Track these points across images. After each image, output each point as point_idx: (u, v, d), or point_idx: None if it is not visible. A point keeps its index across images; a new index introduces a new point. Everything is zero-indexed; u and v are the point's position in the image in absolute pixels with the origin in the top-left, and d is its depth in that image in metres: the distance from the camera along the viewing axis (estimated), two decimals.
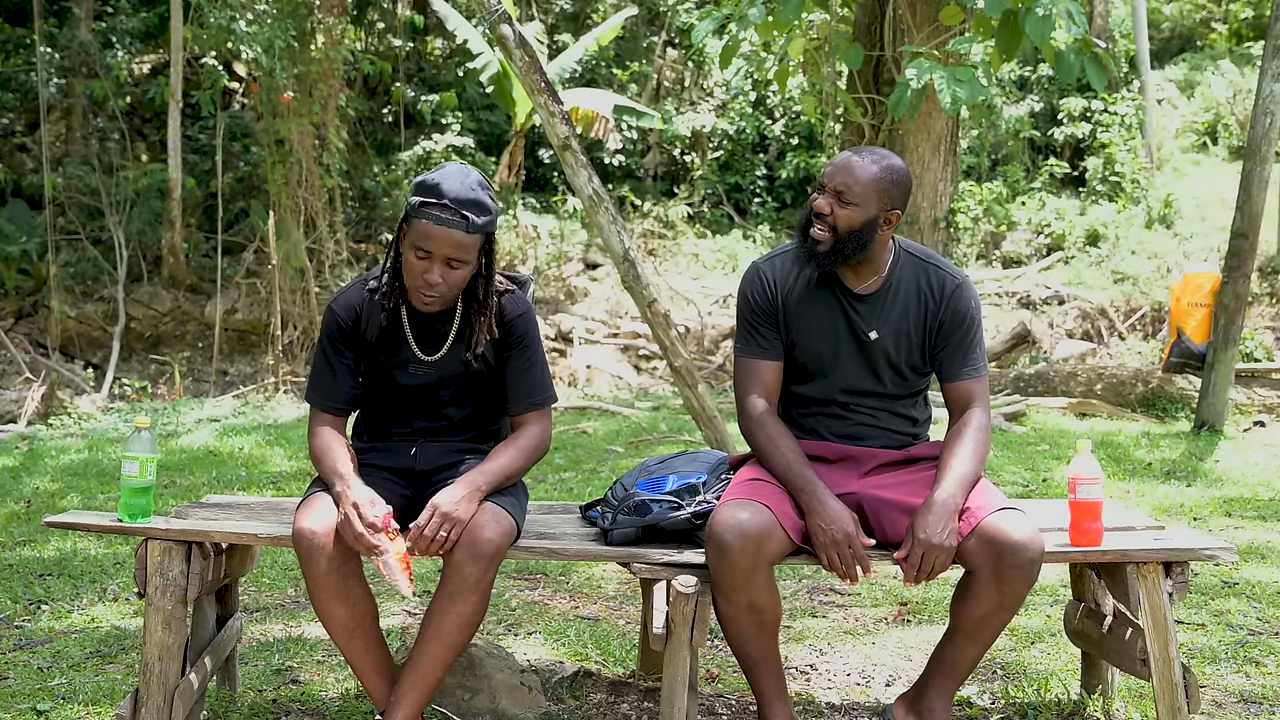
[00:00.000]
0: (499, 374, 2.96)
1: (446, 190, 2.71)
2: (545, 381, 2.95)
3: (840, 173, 2.83)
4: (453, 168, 2.78)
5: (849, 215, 2.81)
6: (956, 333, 2.91)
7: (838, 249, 2.83)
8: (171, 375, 12.27)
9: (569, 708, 3.18)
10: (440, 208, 2.71)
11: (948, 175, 10.68)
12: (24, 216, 13.61)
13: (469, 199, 2.72)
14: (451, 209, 2.71)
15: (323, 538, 2.69)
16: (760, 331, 2.93)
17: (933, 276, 2.93)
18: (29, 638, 3.83)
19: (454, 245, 2.72)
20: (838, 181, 2.82)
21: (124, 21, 14.67)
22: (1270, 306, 11.46)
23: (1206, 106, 15.55)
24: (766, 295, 2.93)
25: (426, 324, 2.93)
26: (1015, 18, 7.08)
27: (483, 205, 2.74)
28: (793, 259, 2.96)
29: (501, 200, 14.21)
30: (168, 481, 6.38)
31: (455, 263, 2.75)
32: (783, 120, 15.66)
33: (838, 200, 2.82)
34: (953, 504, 2.69)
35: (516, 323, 2.92)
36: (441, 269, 2.74)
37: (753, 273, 2.97)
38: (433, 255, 2.73)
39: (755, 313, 2.94)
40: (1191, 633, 3.76)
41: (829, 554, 2.70)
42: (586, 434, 7.85)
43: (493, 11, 5.47)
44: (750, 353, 2.94)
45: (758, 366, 2.93)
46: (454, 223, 2.71)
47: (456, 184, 2.73)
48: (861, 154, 2.84)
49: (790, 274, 2.94)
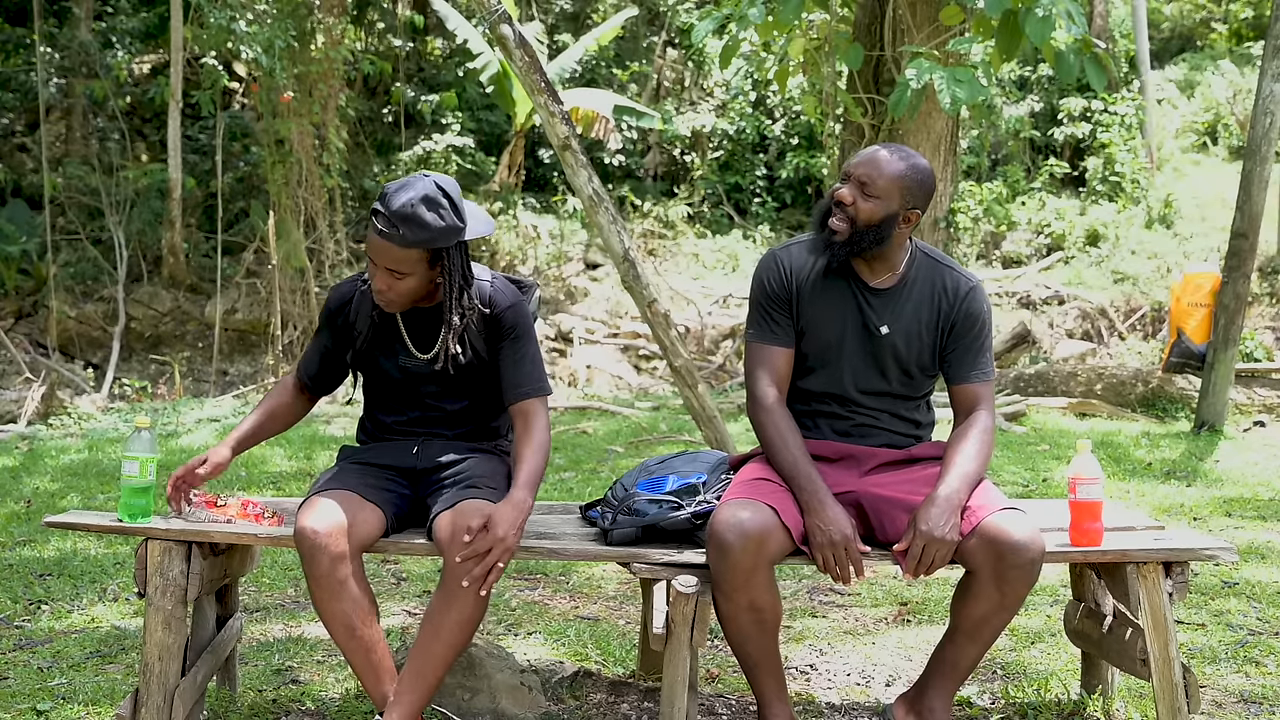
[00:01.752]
0: (492, 367, 2.96)
1: (390, 202, 2.72)
2: (537, 372, 2.93)
3: (866, 164, 2.83)
4: (416, 179, 2.76)
5: (870, 208, 2.82)
6: (967, 335, 2.92)
7: (854, 240, 2.84)
8: (171, 375, 12.27)
9: (569, 708, 3.18)
10: (381, 218, 2.73)
11: (948, 175, 10.67)
12: (24, 216, 13.62)
13: (406, 214, 2.70)
14: (388, 221, 2.71)
15: (324, 537, 2.69)
16: (774, 317, 2.93)
17: (948, 279, 2.94)
18: (29, 638, 3.83)
19: (390, 258, 2.74)
20: (862, 173, 2.82)
21: (124, 21, 14.67)
22: (1270, 306, 11.46)
23: (1206, 106, 15.55)
24: (782, 281, 2.93)
25: (421, 320, 2.94)
26: (1015, 18, 7.07)
27: (419, 222, 2.71)
28: (809, 248, 2.96)
29: (501, 200, 14.21)
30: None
31: (396, 273, 2.77)
32: (783, 120, 15.66)
33: (861, 191, 2.82)
34: (956, 499, 2.70)
35: (506, 314, 2.92)
36: (386, 277, 2.77)
37: (769, 259, 2.98)
38: (375, 262, 2.77)
39: (770, 298, 2.94)
40: (1191, 633, 3.76)
41: (824, 554, 2.70)
42: (586, 434, 7.85)
43: (493, 11, 5.47)
44: (763, 338, 2.94)
45: (770, 352, 2.93)
46: (390, 235, 2.72)
47: (403, 197, 2.72)
48: (890, 149, 2.85)
49: (806, 262, 2.94)
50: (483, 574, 2.65)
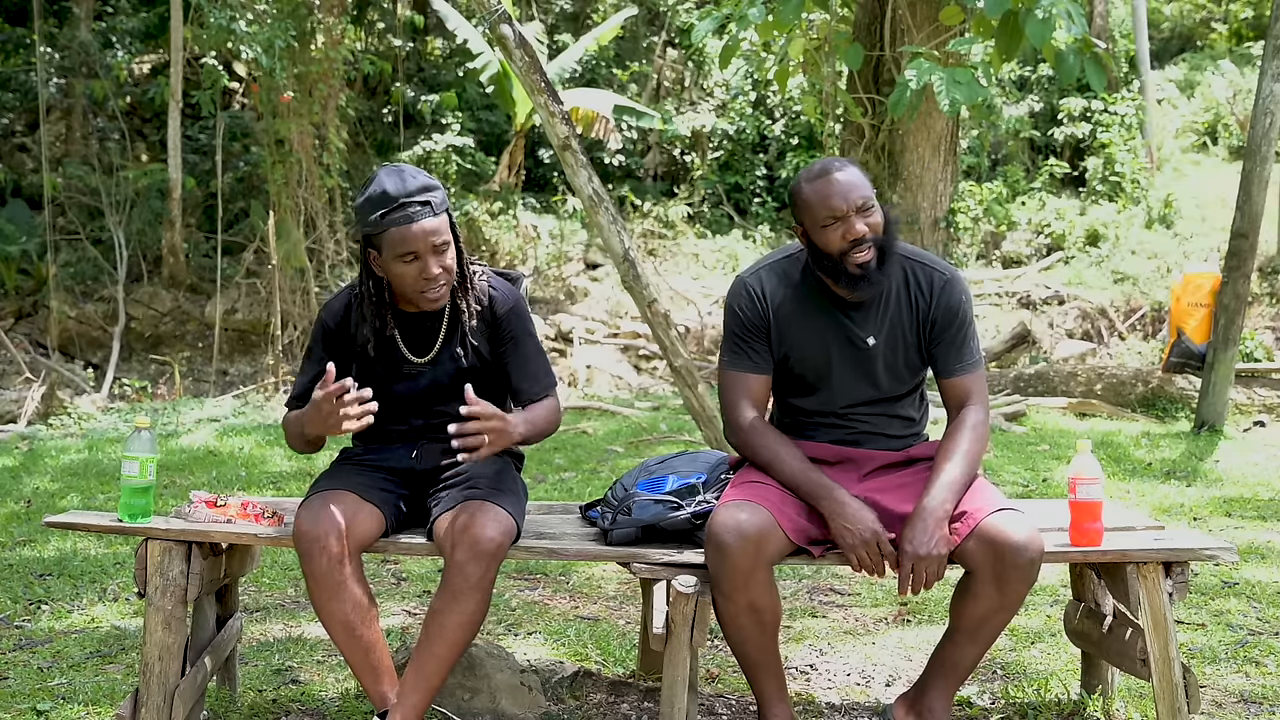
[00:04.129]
0: (495, 369, 2.96)
1: (394, 192, 2.73)
2: (544, 369, 2.98)
3: (850, 190, 2.76)
4: (380, 174, 2.79)
5: (876, 221, 2.79)
6: (949, 329, 2.89)
7: (881, 258, 2.79)
8: (171, 375, 12.27)
9: (569, 708, 3.18)
10: (400, 208, 2.73)
11: (948, 175, 10.69)
12: (24, 216, 13.61)
13: (418, 187, 2.75)
14: (412, 204, 2.73)
15: (323, 538, 2.70)
16: (751, 346, 2.90)
17: (920, 274, 2.90)
18: (29, 638, 3.83)
19: (432, 232, 2.75)
20: (855, 198, 2.75)
21: (124, 21, 14.67)
22: (1270, 306, 11.46)
23: (1206, 106, 15.55)
24: (757, 309, 2.89)
25: (415, 327, 2.93)
26: (1015, 18, 7.08)
27: (429, 186, 2.78)
28: (780, 271, 2.92)
29: (501, 200, 14.21)
30: (168, 481, 6.38)
31: (440, 246, 2.77)
32: (783, 120, 15.66)
33: (865, 215, 2.77)
34: (940, 511, 2.68)
35: (507, 316, 2.93)
36: (435, 259, 2.77)
37: (739, 287, 2.93)
38: (420, 252, 2.75)
39: (745, 327, 2.90)
40: (1191, 633, 3.76)
41: (858, 554, 2.68)
42: (586, 434, 7.85)
43: (493, 11, 5.47)
44: (740, 366, 2.90)
45: (747, 380, 2.90)
46: (420, 214, 2.73)
47: (398, 182, 2.75)
48: (838, 166, 2.79)
49: (780, 287, 2.90)
50: (476, 436, 2.65)
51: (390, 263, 2.77)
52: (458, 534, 2.71)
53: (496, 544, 2.70)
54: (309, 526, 2.70)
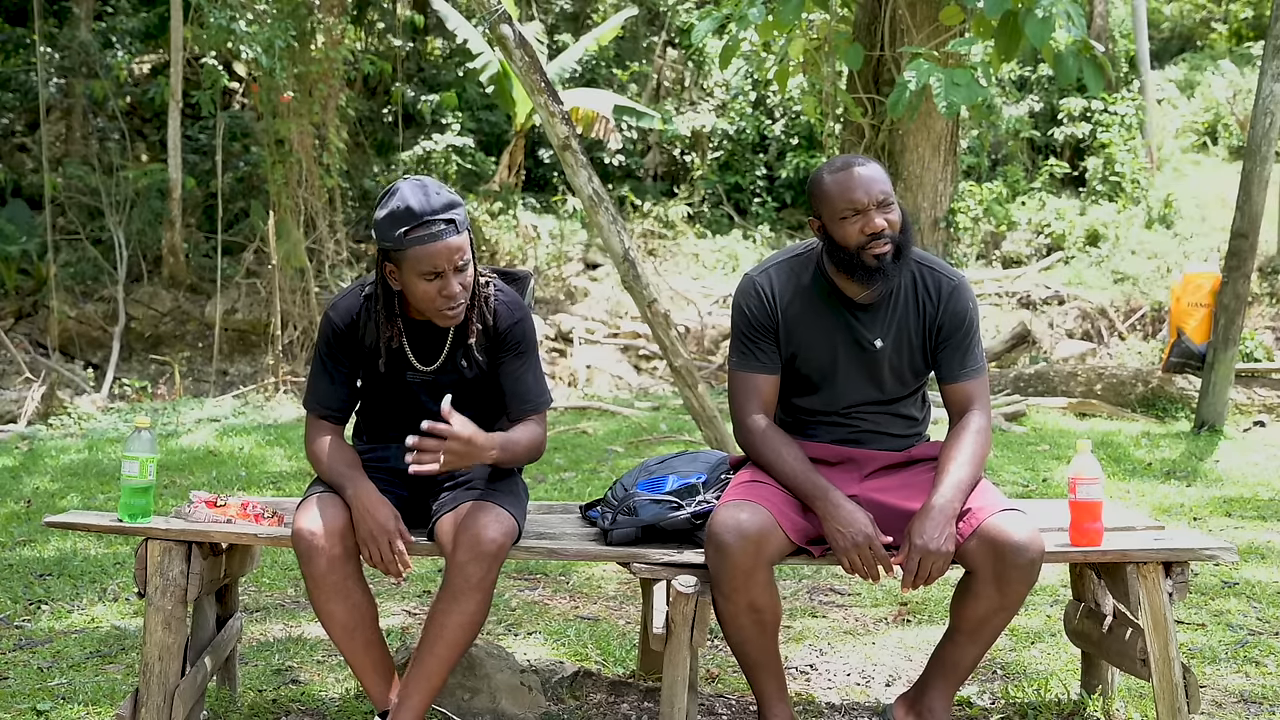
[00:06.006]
0: (493, 378, 2.95)
1: (419, 209, 2.67)
2: (540, 386, 2.94)
3: (872, 184, 2.76)
4: (404, 187, 2.72)
5: (895, 218, 2.78)
6: (955, 335, 2.89)
7: (900, 252, 2.79)
8: (171, 375, 12.27)
9: (569, 708, 3.18)
10: (424, 226, 2.67)
11: (948, 175, 10.69)
12: (24, 216, 13.61)
13: (443, 204, 2.70)
14: (436, 221, 2.68)
15: (322, 538, 2.70)
16: (759, 345, 2.89)
17: (929, 279, 2.90)
18: (29, 638, 3.83)
19: (456, 251, 2.70)
20: (876, 192, 2.75)
21: (124, 21, 14.67)
22: (1270, 306, 11.46)
23: (1206, 106, 15.55)
24: (765, 309, 2.88)
25: (423, 335, 2.92)
26: (1015, 19, 7.08)
27: (454, 203, 2.73)
28: (789, 270, 2.92)
29: (501, 200, 14.22)
30: (168, 481, 6.38)
31: (462, 265, 2.73)
32: (783, 120, 15.66)
33: (884, 211, 2.76)
34: (950, 509, 2.69)
35: (513, 330, 2.90)
36: (456, 277, 2.72)
37: (748, 285, 2.91)
38: (443, 271, 2.70)
39: (753, 326, 2.89)
40: (1191, 633, 3.76)
41: (850, 557, 2.68)
42: (586, 434, 7.85)
43: (493, 11, 5.47)
44: (749, 366, 2.90)
45: (756, 380, 2.89)
46: (446, 233, 2.68)
47: (422, 198, 2.68)
48: (860, 161, 2.79)
49: (789, 286, 2.89)
50: (434, 452, 2.64)
51: (411, 279, 2.73)
52: (459, 534, 2.71)
53: (498, 545, 2.70)
54: (308, 527, 2.70)
